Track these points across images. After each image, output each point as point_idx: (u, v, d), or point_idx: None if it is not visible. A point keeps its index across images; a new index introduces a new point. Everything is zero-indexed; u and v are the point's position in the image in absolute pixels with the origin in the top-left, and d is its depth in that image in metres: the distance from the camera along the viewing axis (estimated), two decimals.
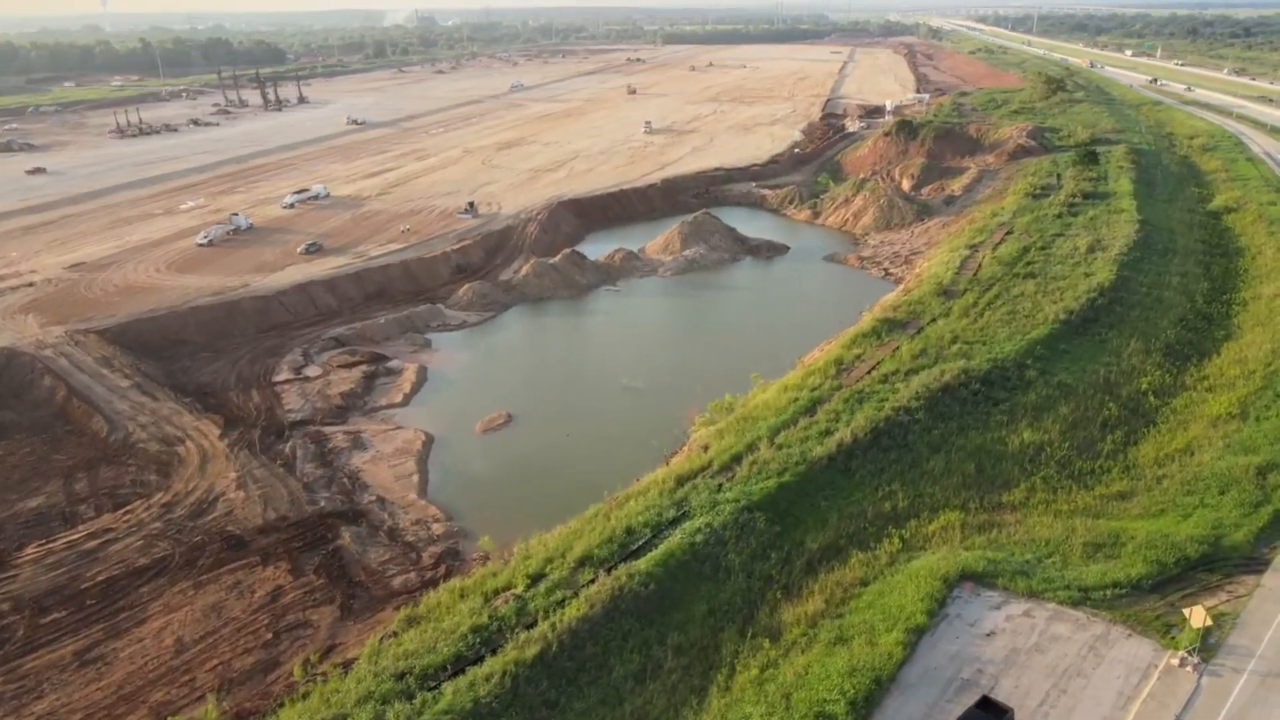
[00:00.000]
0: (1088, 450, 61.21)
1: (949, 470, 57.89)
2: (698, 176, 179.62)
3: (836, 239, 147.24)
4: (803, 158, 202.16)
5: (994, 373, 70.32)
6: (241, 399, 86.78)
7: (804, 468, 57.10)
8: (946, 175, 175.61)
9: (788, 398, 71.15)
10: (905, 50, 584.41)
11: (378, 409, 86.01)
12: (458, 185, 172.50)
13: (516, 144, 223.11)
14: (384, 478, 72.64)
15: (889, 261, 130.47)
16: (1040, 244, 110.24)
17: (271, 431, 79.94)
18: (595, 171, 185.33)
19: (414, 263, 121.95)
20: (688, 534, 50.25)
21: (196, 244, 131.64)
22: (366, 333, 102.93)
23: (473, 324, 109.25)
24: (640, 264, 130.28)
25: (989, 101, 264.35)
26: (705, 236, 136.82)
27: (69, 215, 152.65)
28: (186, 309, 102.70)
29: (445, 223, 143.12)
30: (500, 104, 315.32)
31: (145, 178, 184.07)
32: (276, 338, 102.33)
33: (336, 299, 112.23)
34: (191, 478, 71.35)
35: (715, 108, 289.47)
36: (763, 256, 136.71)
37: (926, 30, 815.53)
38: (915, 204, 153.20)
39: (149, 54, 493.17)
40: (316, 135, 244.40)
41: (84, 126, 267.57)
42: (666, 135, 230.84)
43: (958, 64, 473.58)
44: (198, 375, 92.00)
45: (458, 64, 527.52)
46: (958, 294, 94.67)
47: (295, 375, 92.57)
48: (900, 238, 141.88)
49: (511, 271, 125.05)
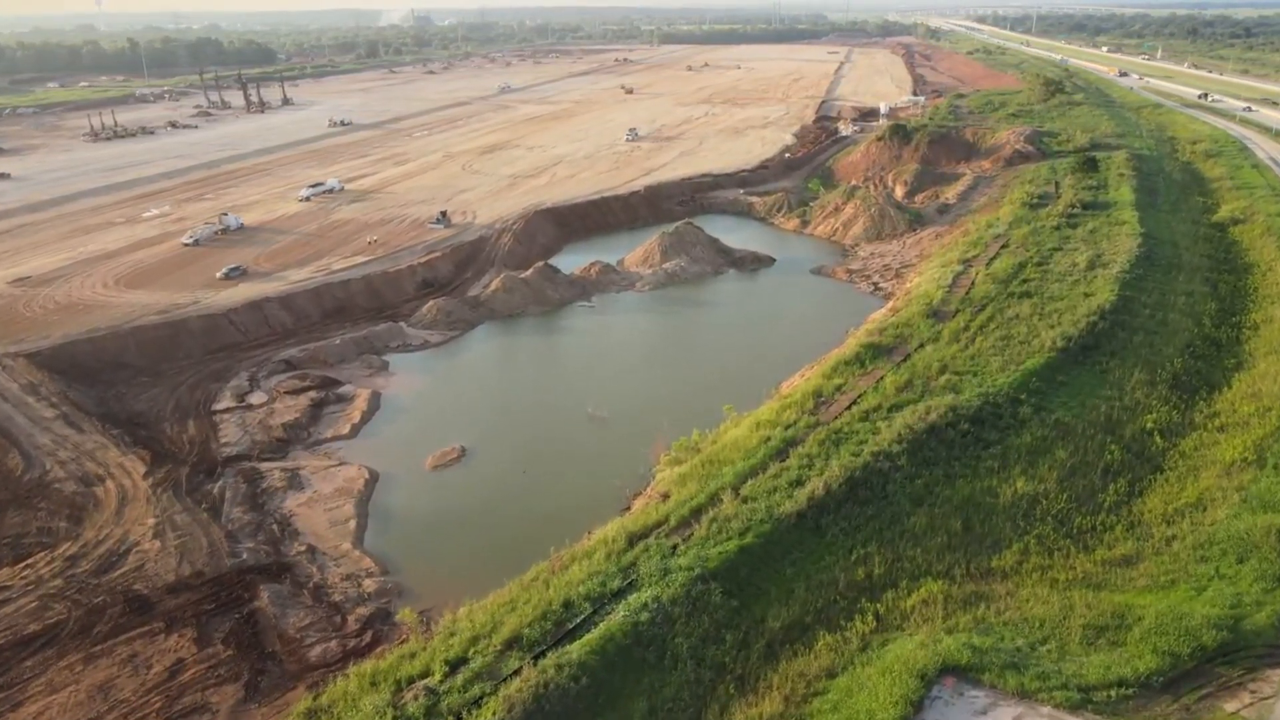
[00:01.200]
0: (1088, 502, 55.01)
1: (932, 528, 51.67)
2: (683, 183, 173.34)
3: (825, 250, 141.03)
4: (794, 162, 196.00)
5: (985, 409, 64.09)
6: (176, 430, 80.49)
7: (769, 526, 50.85)
8: (941, 182, 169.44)
9: (759, 437, 64.94)
10: (903, 51, 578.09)
11: (322, 441, 79.72)
12: (434, 192, 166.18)
13: (500, 148, 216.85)
14: (318, 523, 66.37)
15: (879, 275, 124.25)
16: (1037, 259, 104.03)
17: (202, 468, 73.67)
18: (578, 178, 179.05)
19: (377, 277, 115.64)
20: (633, 610, 43.99)
21: (182, 244, 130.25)
22: (320, 355, 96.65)
23: (435, 344, 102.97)
24: (618, 277, 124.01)
25: (986, 104, 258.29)
26: (687, 248, 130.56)
27: (25, 224, 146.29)
28: (128, 329, 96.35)
29: (415, 233, 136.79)
30: (488, 106, 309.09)
31: (111, 184, 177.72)
32: (225, 359, 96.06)
33: (293, 317, 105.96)
34: (105, 525, 65.05)
35: (707, 110, 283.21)
36: (747, 269, 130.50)
37: (925, 30, 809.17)
38: (907, 213, 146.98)
39: (137, 54, 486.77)
40: (296, 138, 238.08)
41: (60, 129, 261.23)
42: (654, 140, 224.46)
43: (955, 64, 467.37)
44: (133, 403, 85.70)
45: (450, 64, 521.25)
46: (948, 315, 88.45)
47: (238, 403, 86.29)
48: (891, 249, 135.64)
49: (481, 286, 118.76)
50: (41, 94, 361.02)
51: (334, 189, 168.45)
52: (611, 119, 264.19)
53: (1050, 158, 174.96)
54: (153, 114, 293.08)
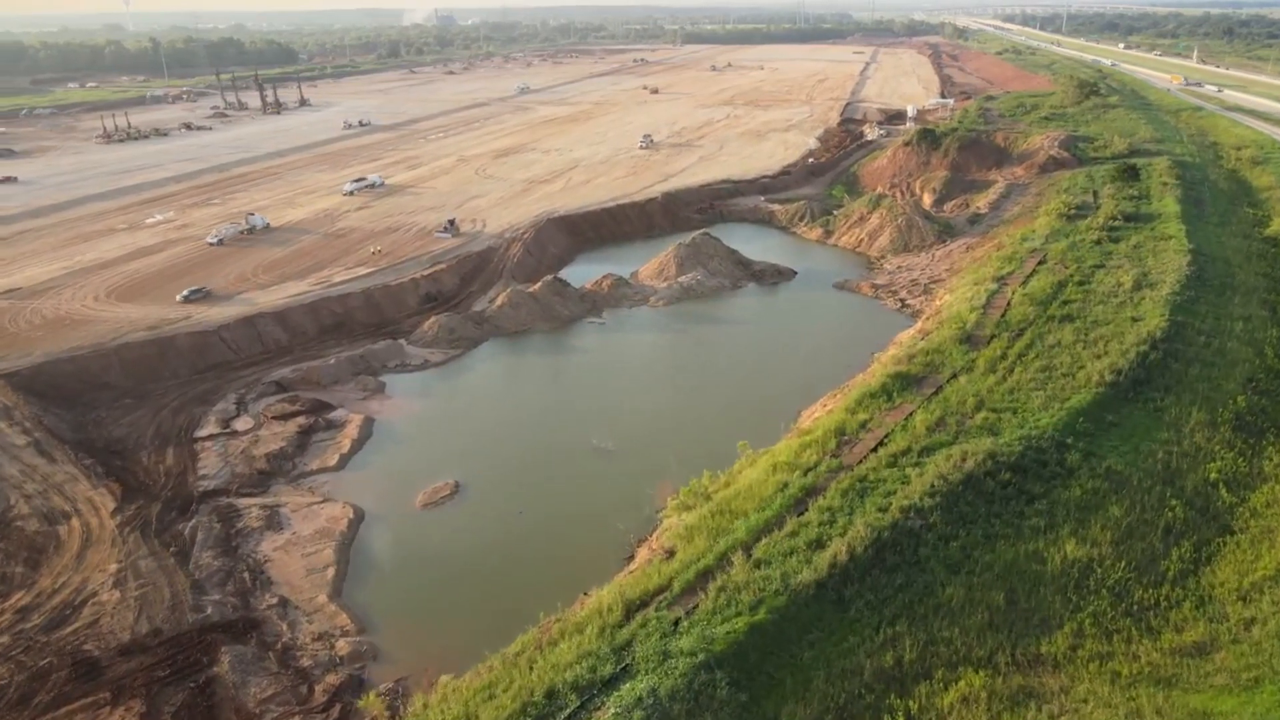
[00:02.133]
0: (1149, 570, 48.52)
1: (971, 601, 45.40)
2: (702, 190, 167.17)
3: (849, 261, 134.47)
4: (817, 168, 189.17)
5: (1027, 456, 57.59)
6: (153, 460, 75.47)
7: (785, 599, 44.80)
8: (971, 190, 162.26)
9: (775, 482, 58.85)
10: (930, 51, 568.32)
11: (307, 474, 74.41)
12: (445, 198, 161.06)
13: (515, 151, 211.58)
14: (294, 571, 60.98)
15: (906, 290, 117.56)
16: (1078, 277, 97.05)
17: (176, 505, 68.55)
18: (594, 183, 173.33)
19: (378, 291, 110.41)
20: (625, 705, 38.12)
21: (207, 243, 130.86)
22: (313, 375, 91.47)
23: (436, 364, 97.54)
24: (630, 292, 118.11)
25: (1017, 106, 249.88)
26: (704, 260, 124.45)
27: (25, 231, 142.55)
28: (113, 347, 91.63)
29: (421, 243, 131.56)
30: (506, 107, 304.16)
31: (118, 188, 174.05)
32: (213, 380, 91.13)
33: (288, 333, 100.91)
34: (64, 571, 60.00)
35: (729, 112, 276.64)
36: (767, 282, 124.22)
37: (952, 30, 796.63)
38: (936, 223, 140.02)
39: (160, 54, 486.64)
40: (309, 141, 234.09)
41: (74, 131, 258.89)
42: (672, 145, 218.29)
43: (984, 65, 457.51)
44: (112, 428, 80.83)
45: (470, 65, 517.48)
46: (983, 341, 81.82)
47: (222, 429, 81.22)
48: (919, 262, 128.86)
49: (487, 301, 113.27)
50: (60, 94, 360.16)
51: (375, 184, 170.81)
52: (631, 121, 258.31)
53: (1087, 164, 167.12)
54: (168, 115, 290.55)
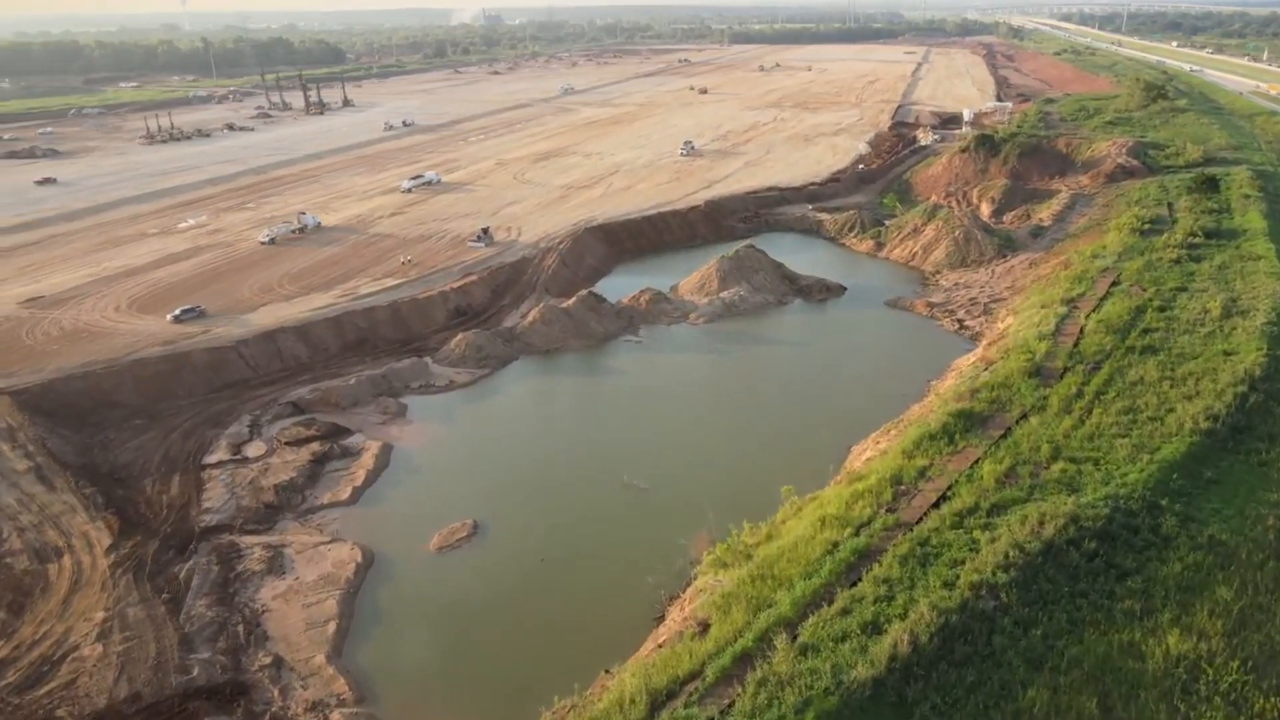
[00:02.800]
0: (1268, 668, 41.18)
1: (1058, 709, 38.45)
2: (747, 197, 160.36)
3: (902, 276, 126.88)
4: (867, 175, 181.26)
5: (1116, 520, 50.30)
6: (157, 490, 71.10)
7: (837, 700, 38.33)
8: (1033, 200, 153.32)
9: (824, 542, 52.30)
10: (984, 51, 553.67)
11: (317, 509, 69.44)
12: (480, 204, 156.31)
13: (555, 154, 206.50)
14: (293, 624, 55.84)
15: (964, 310, 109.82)
16: (1158, 302, 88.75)
17: (175, 542, 63.96)
18: (634, 189, 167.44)
19: (405, 304, 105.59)
20: None
21: (259, 241, 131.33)
22: (332, 396, 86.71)
23: (462, 384, 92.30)
24: (670, 307, 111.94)
25: (1079, 110, 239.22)
26: (748, 274, 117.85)
27: (57, 235, 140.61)
28: (127, 363, 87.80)
29: (454, 252, 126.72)
30: (549, 108, 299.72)
31: (154, 190, 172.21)
32: (228, 400, 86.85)
33: (309, 349, 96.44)
34: (48, 618, 55.53)
35: (775, 115, 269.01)
36: (814, 299, 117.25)
37: (1007, 30, 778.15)
38: (996, 236, 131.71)
39: (214, 54, 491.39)
40: (349, 142, 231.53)
41: (119, 131, 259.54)
42: (717, 148, 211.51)
43: (1041, 66, 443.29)
44: (118, 452, 76.72)
45: (515, 64, 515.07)
46: (1054, 375, 74.26)
47: (232, 455, 76.71)
48: (978, 278, 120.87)
49: (519, 316, 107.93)
50: (111, 94, 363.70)
51: (433, 181, 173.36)
52: (675, 124, 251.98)
53: (1158, 173, 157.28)
54: (213, 115, 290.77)
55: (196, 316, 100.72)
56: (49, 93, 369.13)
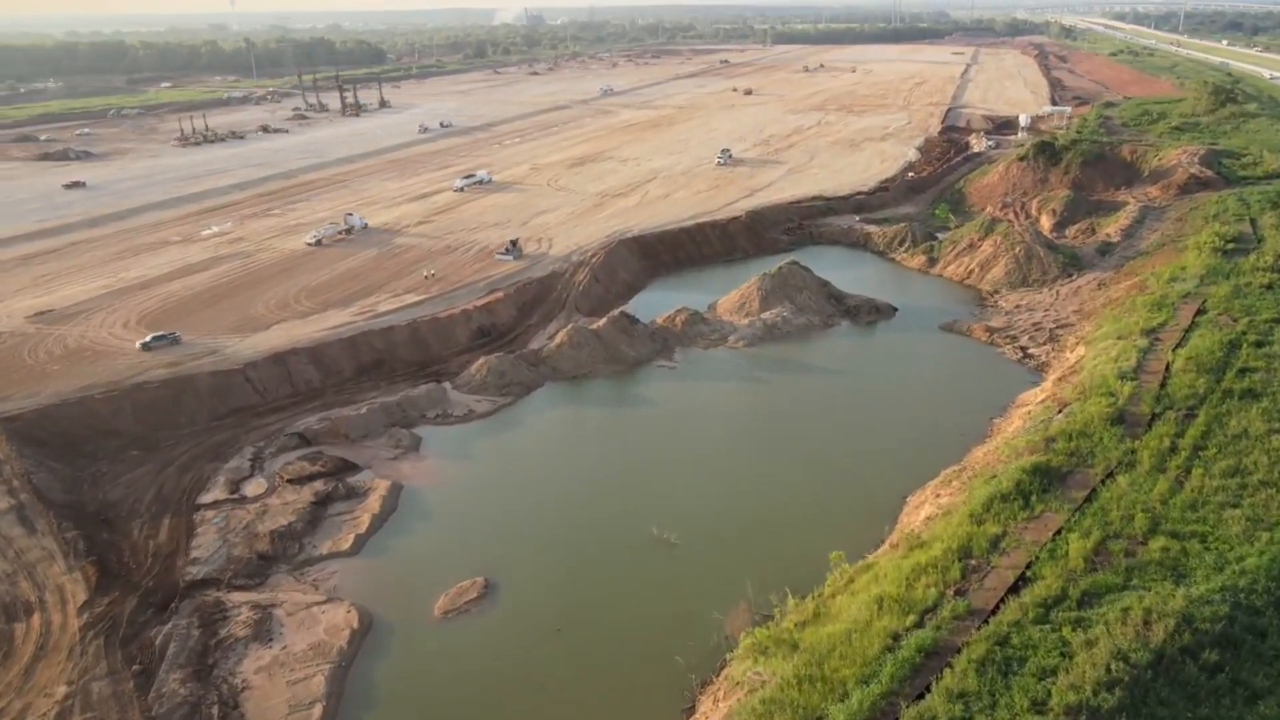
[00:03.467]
0: None
1: None
2: (790, 208, 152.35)
3: (957, 296, 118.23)
4: (917, 184, 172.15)
5: (1238, 620, 42.14)
6: (144, 534, 65.37)
7: None
8: (1098, 212, 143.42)
9: (882, 631, 44.81)
10: (1035, 51, 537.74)
11: (315, 560, 63.17)
12: (510, 213, 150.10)
13: (591, 159, 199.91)
14: (275, 706, 49.45)
15: (1028, 335, 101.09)
16: (1253, 336, 79.62)
17: (155, 599, 58.06)
18: (672, 198, 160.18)
19: (425, 324, 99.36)
20: None
21: (306, 243, 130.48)
22: (341, 427, 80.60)
23: (481, 414, 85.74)
24: (707, 329, 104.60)
25: (1141, 114, 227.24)
26: (791, 293, 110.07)
27: (78, 242, 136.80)
28: (128, 388, 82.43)
29: (480, 265, 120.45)
30: (587, 110, 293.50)
31: (181, 195, 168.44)
32: (231, 429, 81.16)
33: (321, 373, 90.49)
34: (7, 691, 49.75)
35: (819, 118, 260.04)
36: (863, 321, 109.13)
37: (1058, 29, 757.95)
38: (1060, 253, 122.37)
39: (256, 54, 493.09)
40: (382, 145, 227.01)
41: (155, 132, 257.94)
42: (759, 154, 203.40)
43: (1096, 67, 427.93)
44: (109, 488, 71.22)
45: (555, 65, 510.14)
46: (1141, 423, 65.77)
47: (229, 494, 70.86)
48: (1042, 300, 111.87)
49: (546, 337, 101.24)
50: (151, 94, 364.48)
51: (484, 180, 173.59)
52: (716, 128, 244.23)
53: (1234, 185, 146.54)
54: (249, 117, 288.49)
55: (169, 344, 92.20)
56: (92, 93, 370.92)
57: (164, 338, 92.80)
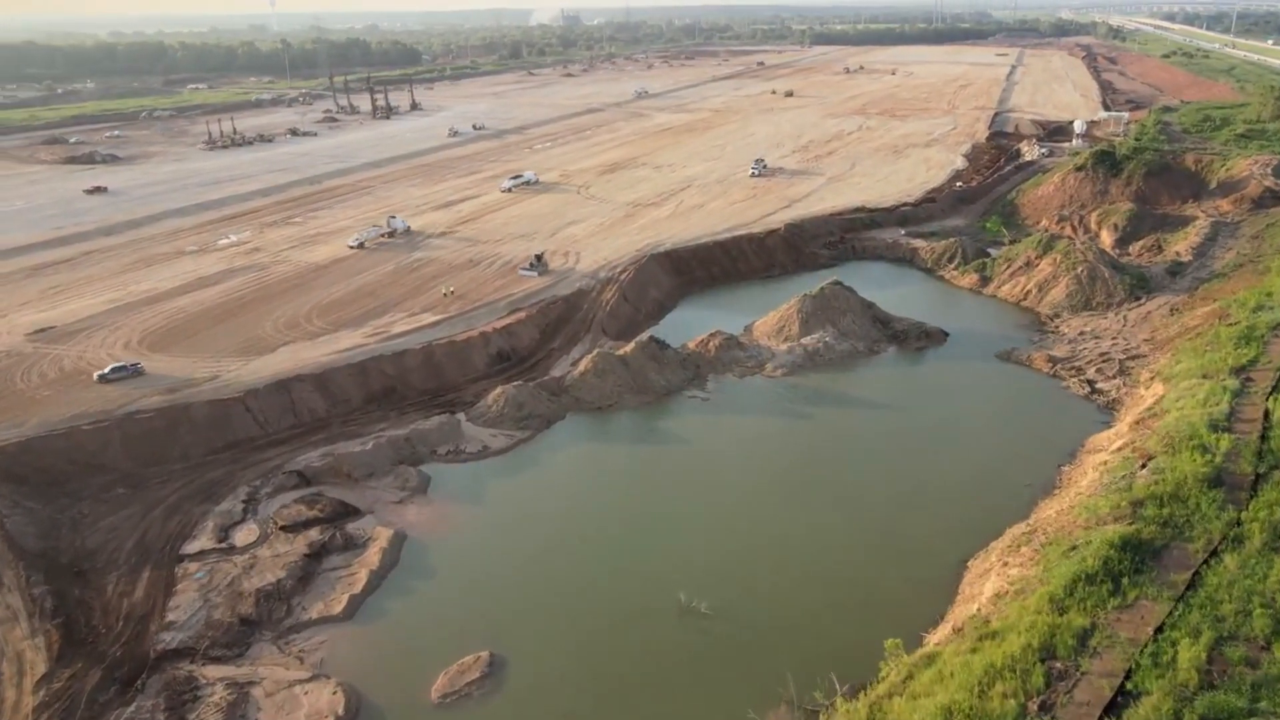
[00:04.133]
0: None
1: None
2: (831, 220, 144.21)
3: (1013, 319, 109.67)
4: (966, 194, 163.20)
5: None
6: (120, 590, 59.33)
7: None
8: (1163, 227, 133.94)
9: None
10: (1082, 52, 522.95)
11: (304, 625, 56.67)
12: (538, 223, 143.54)
13: (623, 166, 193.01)
14: None
15: (1095, 367, 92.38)
16: None
17: (121, 672, 51.87)
18: (706, 208, 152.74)
19: (441, 348, 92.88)
20: None
21: (348, 245, 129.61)
22: (344, 464, 74.28)
23: (496, 451, 79.00)
24: (742, 355, 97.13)
25: (1203, 120, 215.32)
26: (834, 316, 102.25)
27: (92, 251, 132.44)
28: (118, 418, 76.71)
29: (502, 282, 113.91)
30: (621, 114, 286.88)
31: (201, 202, 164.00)
32: (227, 465, 75.18)
33: (327, 402, 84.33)
34: None
35: (860, 123, 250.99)
36: (911, 347, 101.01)
37: (1106, 30, 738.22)
38: (1127, 274, 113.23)
39: (292, 56, 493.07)
40: (411, 150, 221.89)
41: (185, 135, 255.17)
42: (799, 159, 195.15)
43: (1148, 69, 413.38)
44: (88, 533, 65.37)
45: (590, 66, 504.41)
46: (1243, 484, 57.36)
47: (217, 542, 64.73)
48: (1108, 325, 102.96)
49: (569, 363, 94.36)
50: (185, 95, 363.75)
51: (531, 181, 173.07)
52: (753, 133, 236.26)
53: None
54: (278, 119, 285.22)
55: (130, 375, 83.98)
56: (128, 94, 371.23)
57: (124, 369, 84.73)
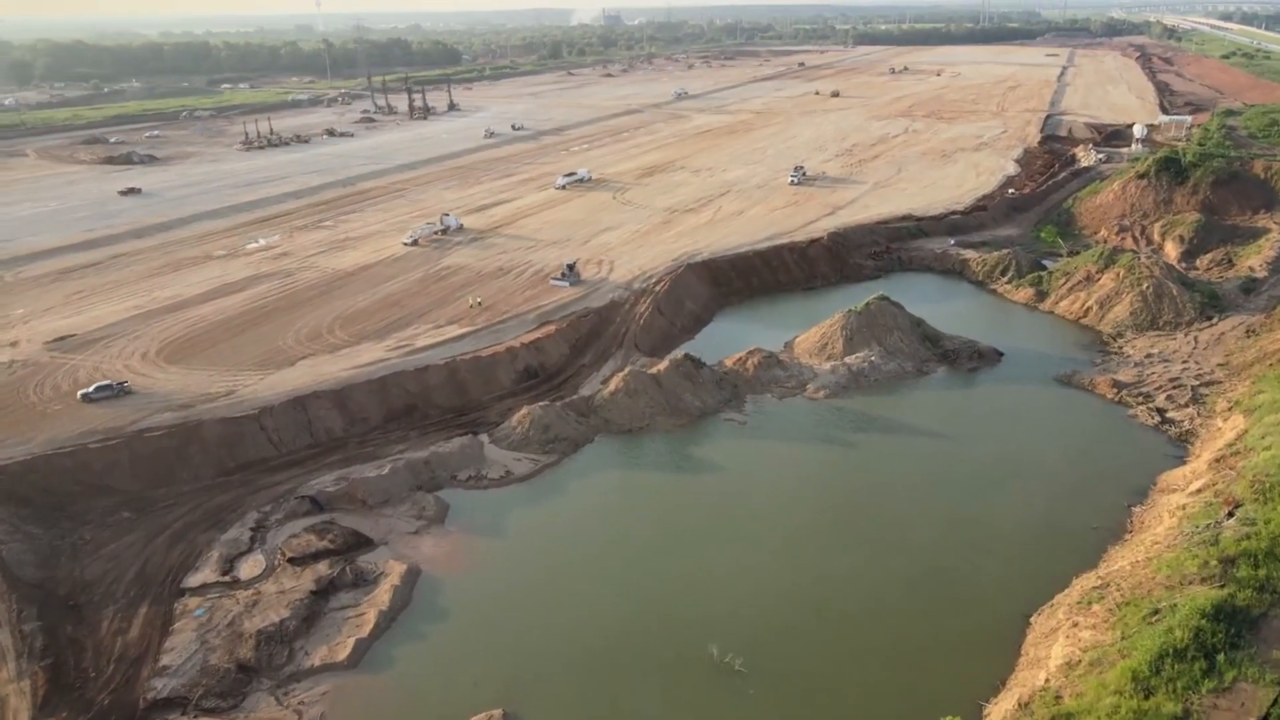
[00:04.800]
0: None
1: None
2: (876, 228, 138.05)
3: (1073, 338, 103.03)
4: (1019, 202, 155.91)
5: None
6: (114, 628, 55.74)
7: None
8: (1234, 240, 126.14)
9: None
10: (1136, 53, 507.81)
11: (304, 673, 52.59)
12: (571, 230, 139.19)
13: (661, 170, 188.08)
14: None
15: (1164, 394, 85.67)
16: None
17: None
18: (746, 215, 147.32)
19: (465, 364, 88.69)
20: None
21: (403, 243, 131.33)
22: (359, 490, 70.30)
23: (520, 477, 74.57)
24: (783, 374, 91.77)
25: (1269, 124, 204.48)
26: (881, 335, 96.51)
27: (120, 255, 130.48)
28: (126, 436, 73.51)
29: (533, 292, 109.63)
30: (659, 115, 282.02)
31: (234, 204, 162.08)
32: (237, 488, 71.62)
33: (345, 420, 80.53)
34: None
35: (906, 125, 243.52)
36: (963, 368, 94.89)
37: (1161, 30, 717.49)
38: (1197, 291, 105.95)
39: (333, 55, 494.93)
40: (446, 151, 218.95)
41: (222, 135, 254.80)
42: (842, 163, 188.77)
43: (1207, 70, 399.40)
44: (89, 562, 61.99)
45: (630, 66, 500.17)
46: None
47: (221, 575, 61.08)
48: (1177, 348, 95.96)
49: (599, 381, 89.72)
50: (226, 95, 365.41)
51: (584, 178, 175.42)
52: (795, 135, 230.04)
53: None
54: (316, 120, 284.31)
55: (114, 395, 79.86)
56: (171, 93, 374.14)
57: (109, 388, 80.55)
